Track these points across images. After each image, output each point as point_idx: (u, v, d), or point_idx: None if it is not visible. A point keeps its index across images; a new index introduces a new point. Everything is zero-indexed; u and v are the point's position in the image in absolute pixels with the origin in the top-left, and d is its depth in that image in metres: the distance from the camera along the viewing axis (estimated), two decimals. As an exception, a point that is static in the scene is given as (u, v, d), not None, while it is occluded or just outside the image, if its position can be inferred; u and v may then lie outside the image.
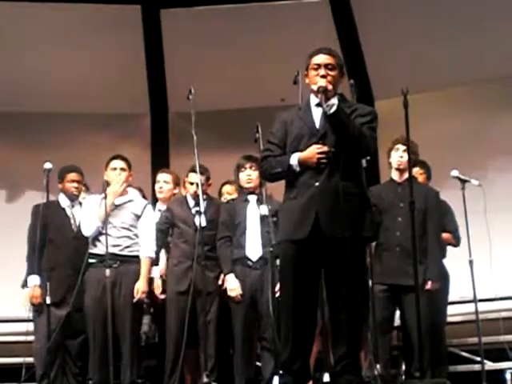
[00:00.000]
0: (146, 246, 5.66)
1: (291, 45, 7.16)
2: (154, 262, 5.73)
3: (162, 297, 5.72)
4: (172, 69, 8.17)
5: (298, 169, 4.18)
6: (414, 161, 5.39)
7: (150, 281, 5.68)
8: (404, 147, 5.41)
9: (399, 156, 5.53)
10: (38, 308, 5.74)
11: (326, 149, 4.13)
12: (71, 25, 7.69)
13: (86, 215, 5.73)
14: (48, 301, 5.56)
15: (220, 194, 6.33)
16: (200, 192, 5.42)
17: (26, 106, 7.97)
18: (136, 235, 5.67)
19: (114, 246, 5.54)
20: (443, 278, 5.72)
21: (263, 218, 5.42)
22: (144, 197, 6.25)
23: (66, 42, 7.74)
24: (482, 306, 5.88)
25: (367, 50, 7.93)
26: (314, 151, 4.15)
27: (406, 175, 5.50)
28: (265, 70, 7.84)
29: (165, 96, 8.40)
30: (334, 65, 4.27)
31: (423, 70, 7.62)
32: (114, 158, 5.79)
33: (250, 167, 5.73)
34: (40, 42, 7.68)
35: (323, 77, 4.22)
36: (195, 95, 5.49)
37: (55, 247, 5.73)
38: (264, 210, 5.37)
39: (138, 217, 5.70)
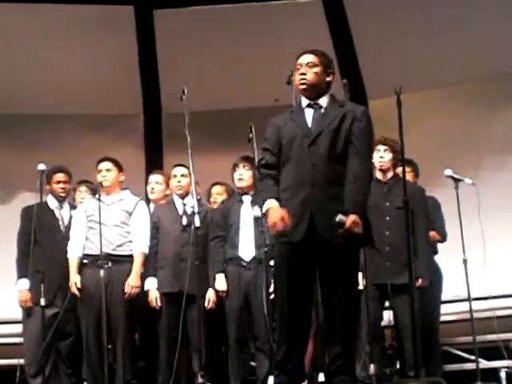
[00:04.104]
0: (138, 241, 5.66)
1: (285, 45, 7.13)
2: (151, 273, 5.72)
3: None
4: (165, 69, 8.17)
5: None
6: (398, 159, 5.40)
7: (146, 292, 5.67)
8: (384, 147, 5.45)
9: (380, 156, 5.54)
10: (28, 311, 5.74)
11: (280, 228, 4.09)
12: (63, 25, 7.69)
13: (72, 234, 5.76)
14: (42, 302, 5.55)
15: (209, 194, 6.34)
16: (193, 190, 5.44)
17: (19, 108, 7.96)
18: (128, 233, 5.66)
19: (106, 245, 5.54)
20: (434, 275, 5.73)
21: (257, 219, 5.42)
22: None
23: (57, 42, 7.75)
24: (476, 305, 5.88)
25: (361, 49, 7.95)
26: (277, 218, 4.10)
27: (390, 174, 5.55)
28: (258, 70, 7.86)
29: (158, 96, 8.40)
30: (314, 63, 4.28)
31: (417, 69, 7.64)
32: (101, 160, 5.81)
33: (244, 166, 5.75)
34: (31, 43, 7.67)
35: (302, 74, 4.25)
36: (188, 95, 5.48)
37: (44, 249, 5.71)
38: (257, 211, 5.36)
39: (129, 214, 5.70)
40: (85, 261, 5.62)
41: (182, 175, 5.85)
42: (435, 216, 5.98)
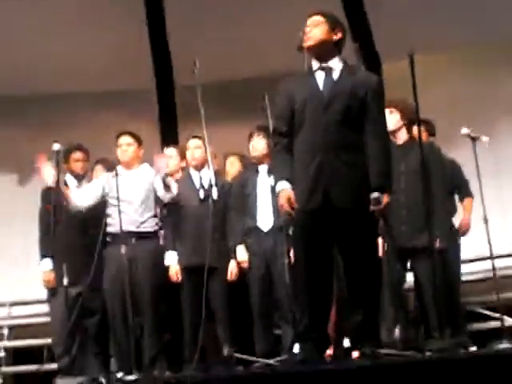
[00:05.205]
0: None
1: (294, 11, 7.08)
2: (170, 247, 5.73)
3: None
4: (176, 42, 8.12)
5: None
6: (411, 120, 5.35)
7: (167, 268, 5.69)
8: (389, 109, 5.36)
9: None
10: (52, 291, 5.79)
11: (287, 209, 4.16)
12: (71, 2, 7.64)
13: (88, 187, 5.76)
14: (65, 282, 5.54)
15: (223, 165, 6.33)
16: (210, 162, 5.43)
17: (31, 88, 7.96)
18: (151, 208, 5.66)
19: (130, 223, 5.54)
20: (452, 236, 5.72)
21: (274, 189, 5.41)
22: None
23: (65, 20, 7.71)
24: (498, 263, 5.86)
25: (372, 12, 7.84)
26: (285, 201, 4.17)
27: (403, 136, 5.47)
28: (269, 38, 7.79)
29: (170, 70, 8.36)
30: (320, 20, 4.28)
31: (430, 32, 7.54)
32: (121, 134, 5.79)
33: (259, 136, 5.74)
34: (39, 21, 7.63)
35: (308, 33, 4.26)
36: (200, 68, 5.45)
37: (64, 228, 5.72)
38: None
39: (151, 185, 5.67)
40: (108, 239, 5.63)
41: (197, 147, 5.84)
42: (460, 181, 5.98)
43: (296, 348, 4.93)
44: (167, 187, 5.52)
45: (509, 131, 7.30)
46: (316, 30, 4.27)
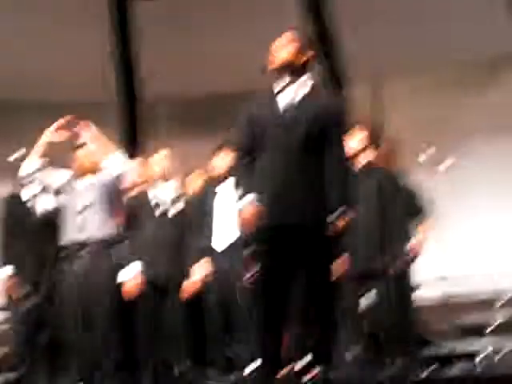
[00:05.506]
0: None
1: (263, 30, 7.12)
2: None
3: None
4: (139, 57, 8.10)
5: None
6: (374, 143, 5.41)
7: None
8: (353, 132, 5.38)
9: None
10: (8, 300, 5.71)
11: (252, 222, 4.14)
12: (35, 13, 7.60)
13: None
14: (20, 292, 5.55)
15: (183, 182, 6.31)
16: (169, 178, 5.43)
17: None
18: (105, 219, 5.56)
19: (85, 234, 5.46)
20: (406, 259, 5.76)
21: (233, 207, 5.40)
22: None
23: (31, 30, 7.65)
24: (452, 288, 5.92)
25: (341, 34, 7.89)
26: (250, 214, 4.14)
27: (361, 160, 5.49)
28: (236, 56, 7.80)
29: (133, 85, 8.34)
30: (288, 40, 4.22)
31: (395, 56, 7.62)
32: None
33: (221, 153, 5.76)
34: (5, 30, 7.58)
35: (272, 54, 4.22)
36: (163, 82, 5.45)
37: (18, 240, 5.70)
38: (234, 200, 5.35)
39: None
40: (62, 250, 5.56)
41: (158, 162, 5.81)
42: (417, 205, 6.02)
43: (249, 369, 4.92)
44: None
45: (472, 154, 7.39)
46: (283, 51, 4.26)
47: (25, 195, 5.92)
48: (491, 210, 7.23)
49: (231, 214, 5.46)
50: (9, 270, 5.71)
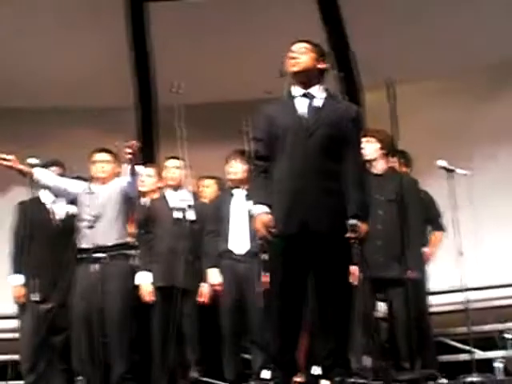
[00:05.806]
0: None
1: (276, 37, 7.12)
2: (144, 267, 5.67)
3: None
4: (157, 62, 8.13)
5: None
6: (389, 150, 5.37)
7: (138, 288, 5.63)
8: (366, 139, 5.36)
9: None
10: (23, 306, 5.69)
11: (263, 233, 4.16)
12: (49, 14, 7.61)
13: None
14: (35, 298, 5.53)
15: (198, 187, 6.31)
16: (186, 184, 5.43)
17: (4, 102, 7.90)
18: (123, 225, 5.57)
19: (101, 240, 5.47)
20: (423, 266, 5.73)
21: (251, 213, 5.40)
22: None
23: (42, 33, 7.66)
24: (471, 295, 5.87)
25: (354, 40, 7.90)
26: (262, 225, 4.16)
27: (381, 166, 5.49)
28: (250, 62, 7.81)
29: (150, 89, 8.35)
30: (307, 48, 4.31)
31: (410, 60, 7.60)
32: (97, 151, 5.73)
33: (236, 160, 5.74)
34: (15, 34, 7.57)
35: (294, 58, 4.27)
36: (180, 88, 5.45)
37: (38, 244, 5.69)
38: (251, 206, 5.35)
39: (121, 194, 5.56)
40: (79, 256, 5.57)
41: (175, 168, 5.83)
42: (432, 212, 5.98)
43: (264, 374, 4.91)
44: (133, 170, 5.37)
45: (485, 162, 7.34)
46: (303, 56, 4.29)
47: (44, 200, 5.94)
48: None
49: (247, 219, 5.48)
50: (21, 278, 5.71)
